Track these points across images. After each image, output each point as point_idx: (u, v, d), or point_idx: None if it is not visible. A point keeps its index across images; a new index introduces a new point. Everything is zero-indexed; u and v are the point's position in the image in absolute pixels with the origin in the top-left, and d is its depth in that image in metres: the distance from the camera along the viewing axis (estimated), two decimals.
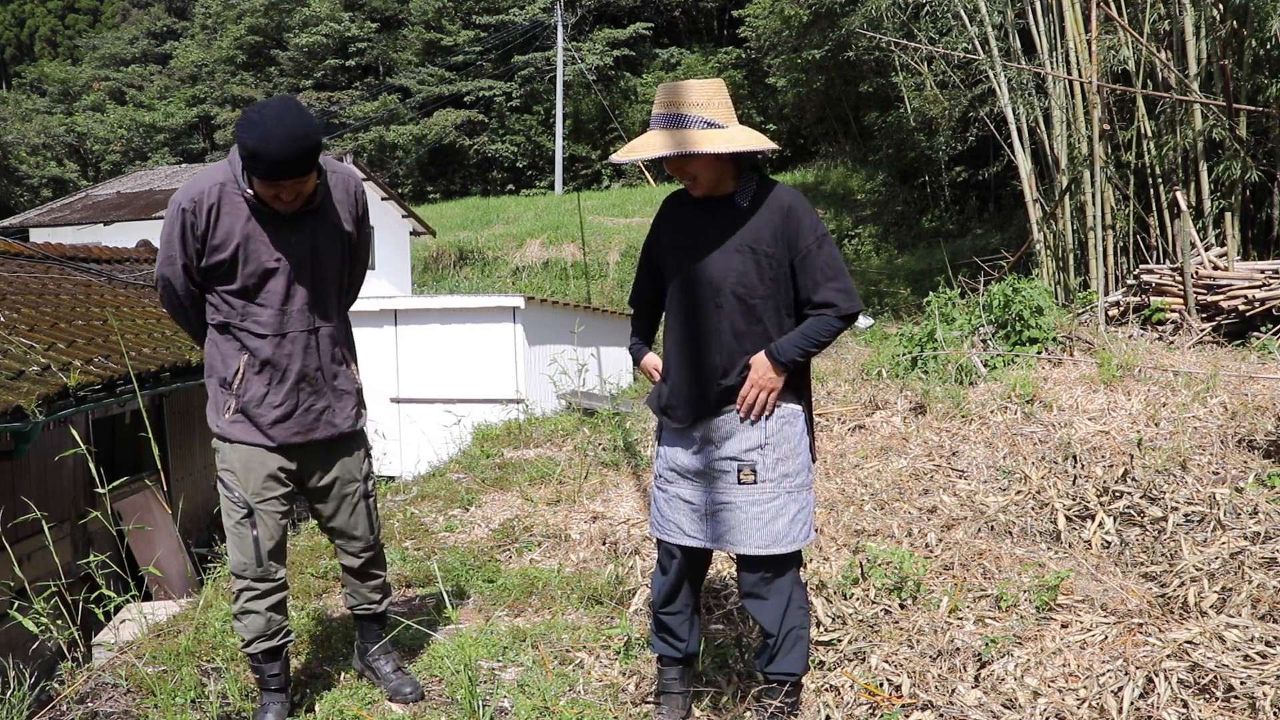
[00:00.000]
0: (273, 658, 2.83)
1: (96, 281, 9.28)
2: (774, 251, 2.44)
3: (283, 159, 2.47)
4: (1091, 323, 7.84)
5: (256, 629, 2.79)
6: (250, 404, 2.73)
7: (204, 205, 2.62)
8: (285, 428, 2.75)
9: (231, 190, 2.64)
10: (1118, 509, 3.86)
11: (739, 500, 2.47)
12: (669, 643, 2.68)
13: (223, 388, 2.76)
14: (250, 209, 2.65)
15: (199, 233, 2.63)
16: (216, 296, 2.72)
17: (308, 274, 2.73)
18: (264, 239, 2.66)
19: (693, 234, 2.54)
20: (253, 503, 2.74)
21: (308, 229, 2.72)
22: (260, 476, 2.75)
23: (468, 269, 25.65)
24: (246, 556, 2.75)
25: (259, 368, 2.72)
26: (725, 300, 2.46)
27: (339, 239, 2.81)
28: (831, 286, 2.42)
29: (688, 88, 2.43)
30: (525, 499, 5.36)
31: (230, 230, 2.63)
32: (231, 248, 2.64)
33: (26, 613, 3.02)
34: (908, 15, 13.50)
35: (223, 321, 2.73)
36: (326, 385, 2.82)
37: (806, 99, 28.37)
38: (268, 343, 2.71)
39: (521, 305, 12.86)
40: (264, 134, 2.45)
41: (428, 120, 35.86)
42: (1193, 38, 8.57)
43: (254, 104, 2.60)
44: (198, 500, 8.27)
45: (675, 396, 2.56)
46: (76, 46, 50.25)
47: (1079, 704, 2.57)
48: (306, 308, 2.75)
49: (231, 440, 2.75)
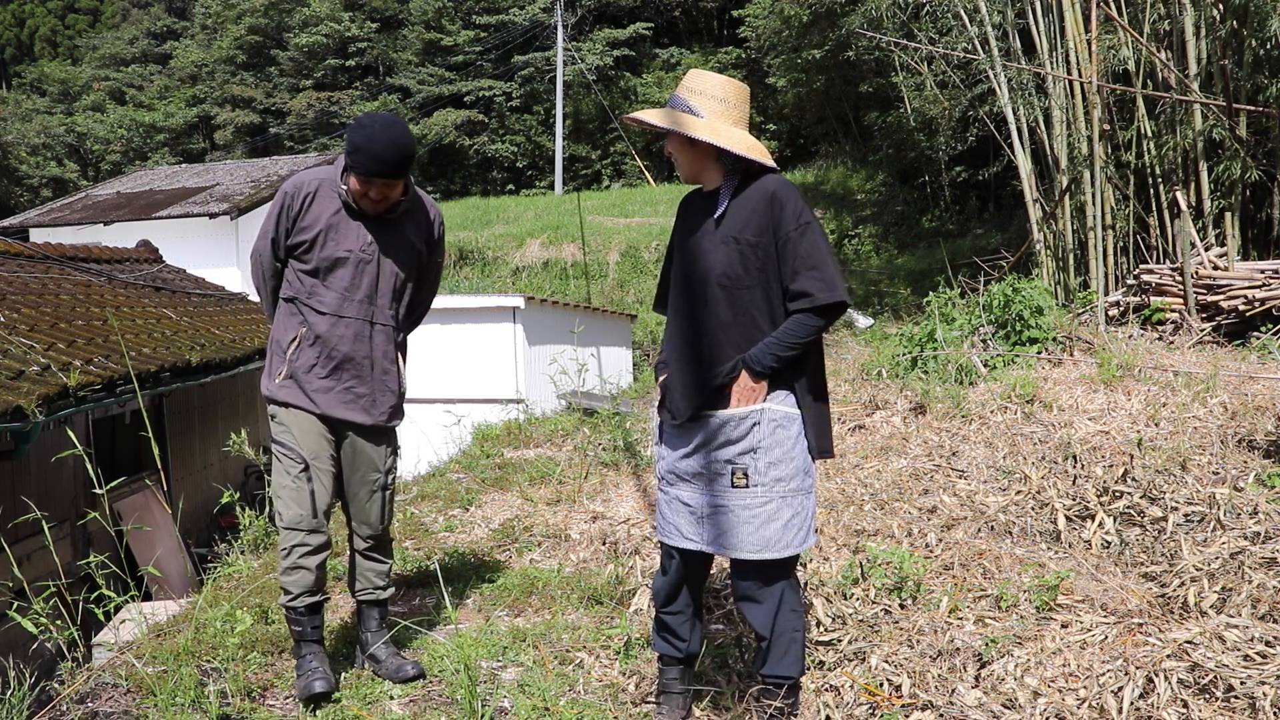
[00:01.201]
0: (314, 611, 3.05)
1: (96, 281, 9.28)
2: (758, 240, 2.43)
3: (381, 159, 2.86)
4: (1091, 323, 7.84)
5: (305, 584, 3.00)
6: (299, 371, 3.02)
7: (303, 192, 3.02)
8: (327, 398, 3.03)
9: (329, 186, 3.03)
10: (1118, 509, 3.86)
11: (732, 504, 2.47)
12: (670, 642, 2.68)
13: (276, 354, 3.07)
14: (341, 204, 3.02)
15: (292, 214, 3.02)
16: (292, 273, 3.07)
17: (374, 272, 3.06)
18: (344, 231, 3.02)
19: (688, 231, 2.59)
20: (309, 459, 3.01)
21: (384, 235, 3.06)
22: (315, 435, 3.03)
23: (468, 269, 25.64)
24: (303, 509, 2.99)
25: (313, 340, 3.03)
26: (711, 291, 2.47)
27: (410, 254, 3.15)
28: (809, 275, 2.39)
29: (699, 75, 2.54)
30: (525, 499, 5.36)
31: (318, 217, 3.01)
32: (315, 231, 3.00)
33: (26, 613, 3.02)
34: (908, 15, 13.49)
35: (292, 295, 3.06)
36: (372, 376, 3.09)
37: (806, 99, 28.36)
38: (325, 320, 3.02)
39: (521, 305, 12.86)
40: (370, 135, 2.86)
41: (428, 120, 35.83)
42: (1193, 38, 8.57)
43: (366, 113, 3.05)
44: (198, 500, 8.27)
45: (672, 390, 2.57)
46: (76, 46, 50.23)
47: (1079, 704, 2.57)
48: (367, 300, 3.06)
49: (281, 403, 3.04)
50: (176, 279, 10.90)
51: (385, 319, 3.11)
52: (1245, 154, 8.37)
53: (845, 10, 21.18)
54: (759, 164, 2.48)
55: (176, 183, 20.31)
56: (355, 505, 3.18)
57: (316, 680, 2.92)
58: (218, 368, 8.06)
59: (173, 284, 10.37)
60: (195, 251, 14.54)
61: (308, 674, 2.96)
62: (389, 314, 3.11)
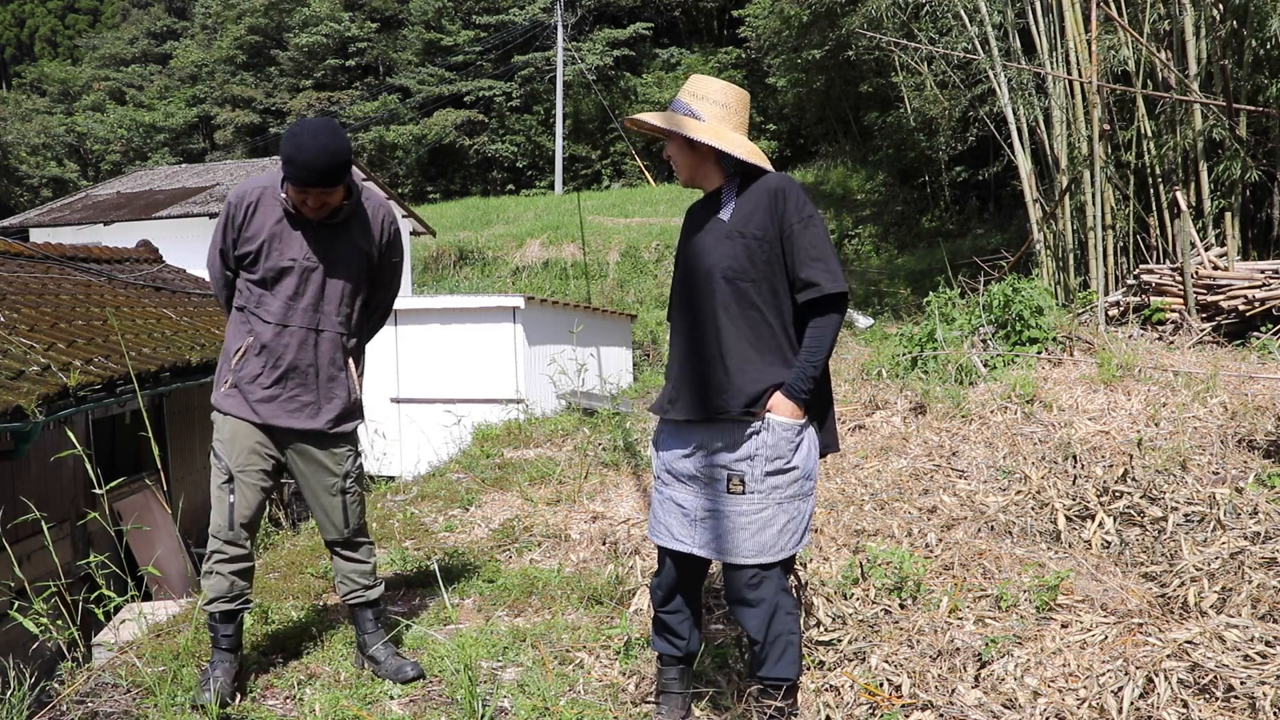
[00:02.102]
0: (228, 619, 3.07)
1: (96, 281, 9.28)
2: (763, 234, 2.45)
3: (312, 168, 2.82)
4: (1091, 323, 7.84)
5: (219, 590, 3.04)
6: (243, 380, 3.03)
7: (245, 203, 3.00)
8: (268, 408, 3.03)
9: (271, 194, 3.01)
10: (1118, 509, 3.86)
11: (727, 509, 2.46)
12: (670, 641, 2.68)
13: (225, 362, 3.08)
14: (284, 213, 3.00)
15: (237, 225, 3.02)
16: (241, 281, 3.07)
17: (320, 279, 3.04)
18: (287, 239, 3.00)
19: (692, 232, 2.60)
20: (234, 471, 3.02)
21: (329, 240, 3.05)
22: (244, 449, 3.03)
23: (468, 269, 25.65)
24: (221, 519, 3.03)
25: (259, 350, 3.02)
26: (717, 285, 2.47)
27: (359, 256, 3.12)
28: (816, 266, 2.41)
29: (700, 80, 2.56)
30: (525, 499, 5.36)
31: (261, 226, 3.00)
32: (259, 242, 2.99)
33: (26, 613, 3.02)
34: (908, 15, 13.50)
35: (242, 304, 3.07)
36: (318, 384, 3.08)
37: (806, 99, 28.37)
38: (270, 329, 3.01)
39: (521, 305, 12.86)
40: (299, 145, 2.81)
41: (428, 120, 35.85)
42: (1193, 38, 8.57)
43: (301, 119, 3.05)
44: (198, 500, 8.26)
45: (676, 389, 2.57)
46: (76, 46, 50.24)
47: (1079, 704, 2.57)
48: (313, 308, 3.04)
49: (223, 412, 3.06)
50: (176, 279, 10.90)
51: (332, 326, 3.07)
52: (1245, 154, 8.37)
53: (845, 10, 21.18)
54: (758, 168, 2.50)
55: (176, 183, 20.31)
56: (319, 510, 3.17)
57: (206, 693, 2.94)
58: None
59: (173, 284, 10.37)
60: (195, 251, 14.48)
61: (207, 681, 2.99)
62: (336, 320, 3.07)
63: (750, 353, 2.46)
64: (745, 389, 2.44)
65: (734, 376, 2.45)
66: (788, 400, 2.43)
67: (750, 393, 2.44)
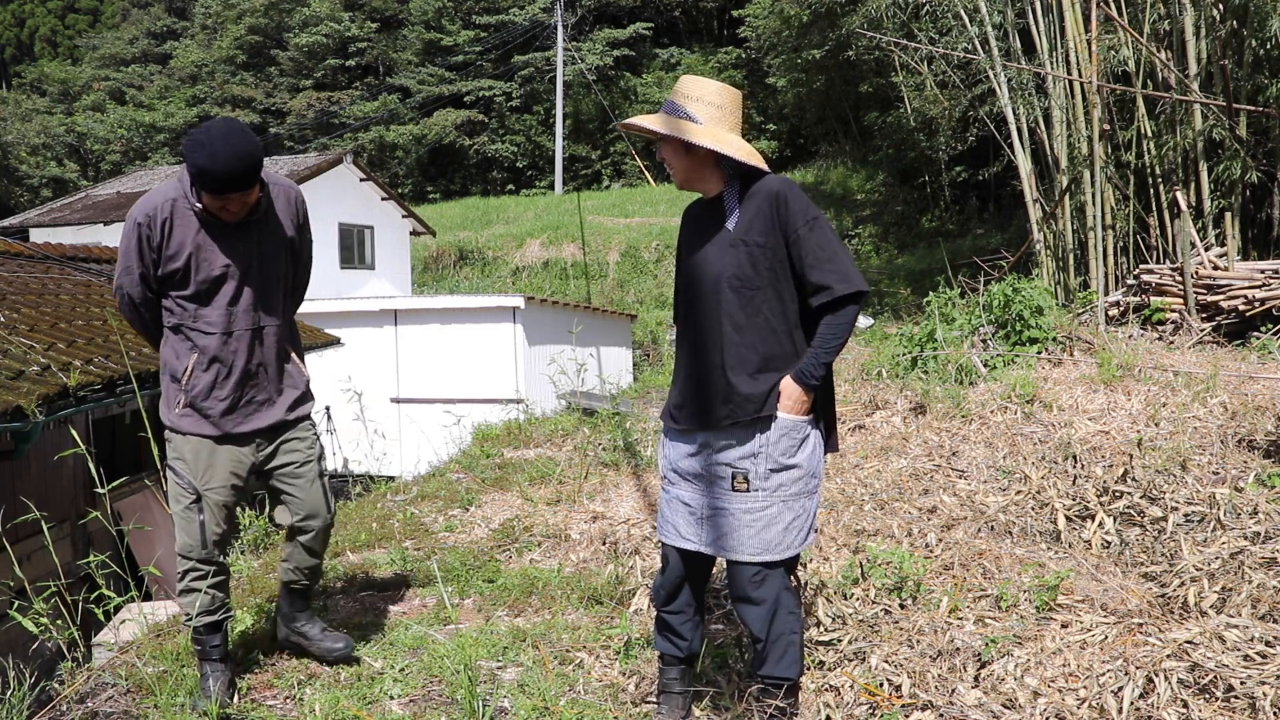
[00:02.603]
0: (214, 630, 3.05)
1: (96, 281, 9.28)
2: (766, 241, 2.44)
3: (229, 175, 2.72)
4: (1091, 323, 7.84)
5: (202, 606, 3.01)
6: (198, 398, 2.96)
7: (158, 219, 2.85)
8: (231, 419, 2.98)
9: (182, 205, 2.87)
10: (1118, 509, 3.86)
11: (732, 507, 2.47)
12: (671, 641, 2.68)
13: (174, 383, 2.98)
14: (200, 221, 2.88)
15: (154, 244, 2.87)
16: (171, 301, 2.95)
17: (254, 278, 2.98)
18: (213, 248, 2.90)
19: (694, 237, 2.58)
20: (201, 489, 2.97)
21: (254, 237, 2.97)
22: (208, 466, 2.98)
23: (468, 269, 25.67)
24: (193, 539, 2.98)
25: (207, 365, 2.95)
26: (723, 295, 2.46)
27: (282, 245, 3.07)
28: (825, 269, 2.40)
29: (695, 82, 2.52)
30: (525, 499, 5.36)
31: (183, 241, 2.87)
32: (184, 257, 2.88)
33: (26, 613, 3.02)
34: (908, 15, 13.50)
35: (176, 323, 2.97)
36: (269, 380, 3.06)
37: (806, 99, 28.38)
38: (215, 340, 2.94)
39: (521, 305, 12.87)
40: (210, 154, 2.70)
41: (428, 120, 35.85)
42: (1193, 38, 8.57)
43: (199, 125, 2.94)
44: None
45: (682, 396, 2.57)
46: (76, 46, 50.25)
47: (1079, 704, 2.57)
48: (252, 308, 2.98)
49: (182, 432, 2.98)
50: None
51: (272, 321, 3.04)
52: (1245, 154, 8.37)
53: (845, 10, 21.19)
54: (757, 170, 2.49)
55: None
56: (301, 500, 3.12)
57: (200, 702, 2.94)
58: None
59: None
60: None
61: (203, 691, 2.99)
62: (274, 315, 3.05)
63: (754, 360, 2.46)
64: (749, 397, 2.44)
65: (737, 386, 2.45)
66: (796, 385, 2.42)
67: (756, 399, 2.45)
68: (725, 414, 2.46)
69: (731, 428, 2.47)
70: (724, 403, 2.46)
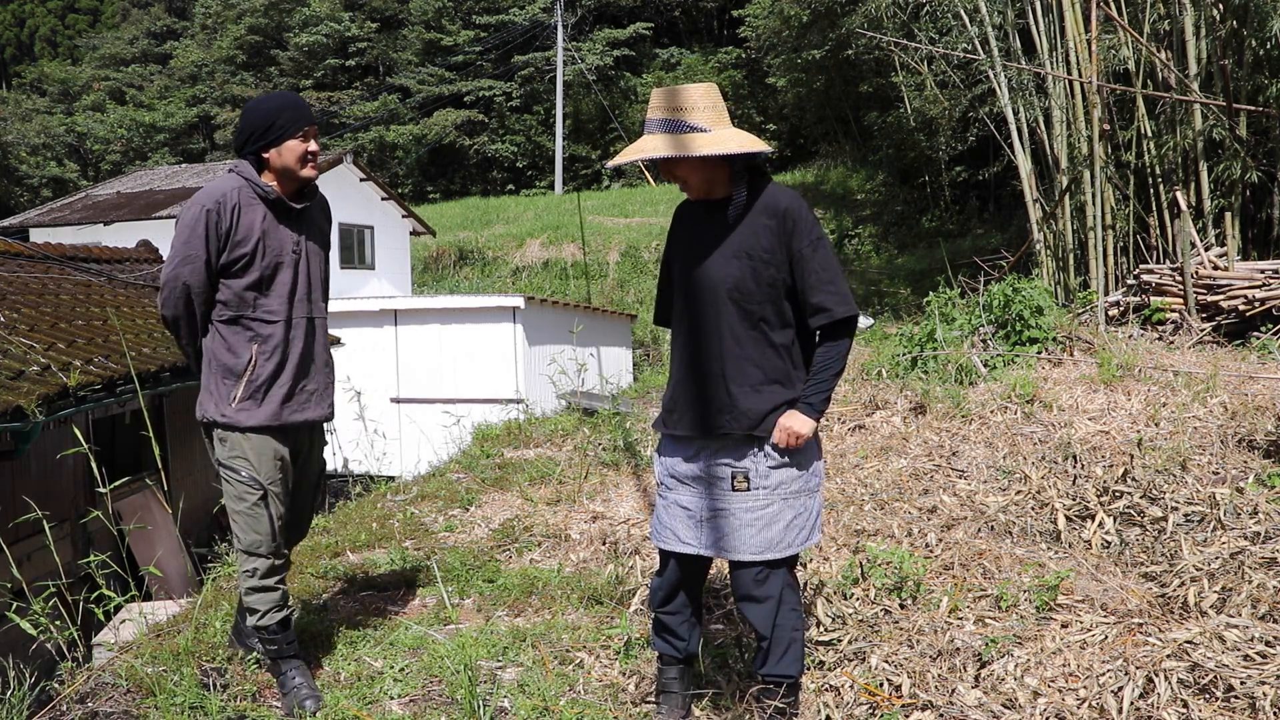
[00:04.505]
0: (285, 627, 3.04)
1: (96, 281, 9.28)
2: (770, 256, 2.44)
3: (299, 105, 2.94)
4: (1091, 323, 7.84)
5: (272, 602, 3.00)
6: (262, 388, 2.96)
7: (228, 204, 2.89)
8: (289, 406, 3.01)
9: (248, 192, 2.93)
10: (1118, 509, 3.86)
11: (733, 507, 2.47)
12: (669, 642, 2.68)
13: (227, 378, 2.96)
14: (268, 205, 2.95)
15: (223, 230, 2.89)
16: (227, 291, 2.94)
17: (306, 268, 3.05)
18: (277, 234, 2.97)
19: (693, 240, 2.56)
20: (266, 484, 2.97)
21: (305, 228, 3.06)
22: (271, 460, 2.98)
23: (468, 269, 25.66)
24: (262, 535, 2.97)
25: (269, 353, 2.97)
26: (724, 306, 2.46)
27: (323, 241, 3.17)
28: (827, 289, 2.42)
29: (679, 92, 2.45)
30: (525, 499, 5.36)
31: (252, 224, 2.92)
32: (253, 242, 2.92)
33: (26, 613, 3.02)
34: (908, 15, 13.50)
35: (233, 315, 2.95)
36: (319, 370, 3.12)
37: (806, 99, 28.37)
38: (278, 328, 2.98)
39: (521, 305, 12.87)
40: (269, 100, 2.92)
41: (428, 120, 35.85)
42: (1193, 38, 8.57)
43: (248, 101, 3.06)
44: (198, 500, 8.27)
45: (678, 403, 2.56)
46: (76, 46, 50.24)
47: (1079, 704, 2.57)
48: (306, 298, 3.05)
49: (242, 428, 2.95)
50: None
51: (320, 312, 3.12)
52: (1245, 154, 8.37)
53: (845, 10, 21.18)
54: (760, 158, 2.49)
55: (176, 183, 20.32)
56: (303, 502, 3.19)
57: (307, 699, 2.91)
58: None
59: None
60: None
61: (294, 692, 2.95)
62: (322, 306, 3.14)
63: (755, 373, 2.46)
64: (749, 411, 2.45)
65: (738, 399, 2.45)
66: (800, 414, 2.44)
67: (754, 415, 2.45)
68: (723, 424, 2.47)
69: (727, 436, 2.48)
70: (722, 413, 2.47)
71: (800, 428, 2.43)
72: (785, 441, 2.44)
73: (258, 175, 2.95)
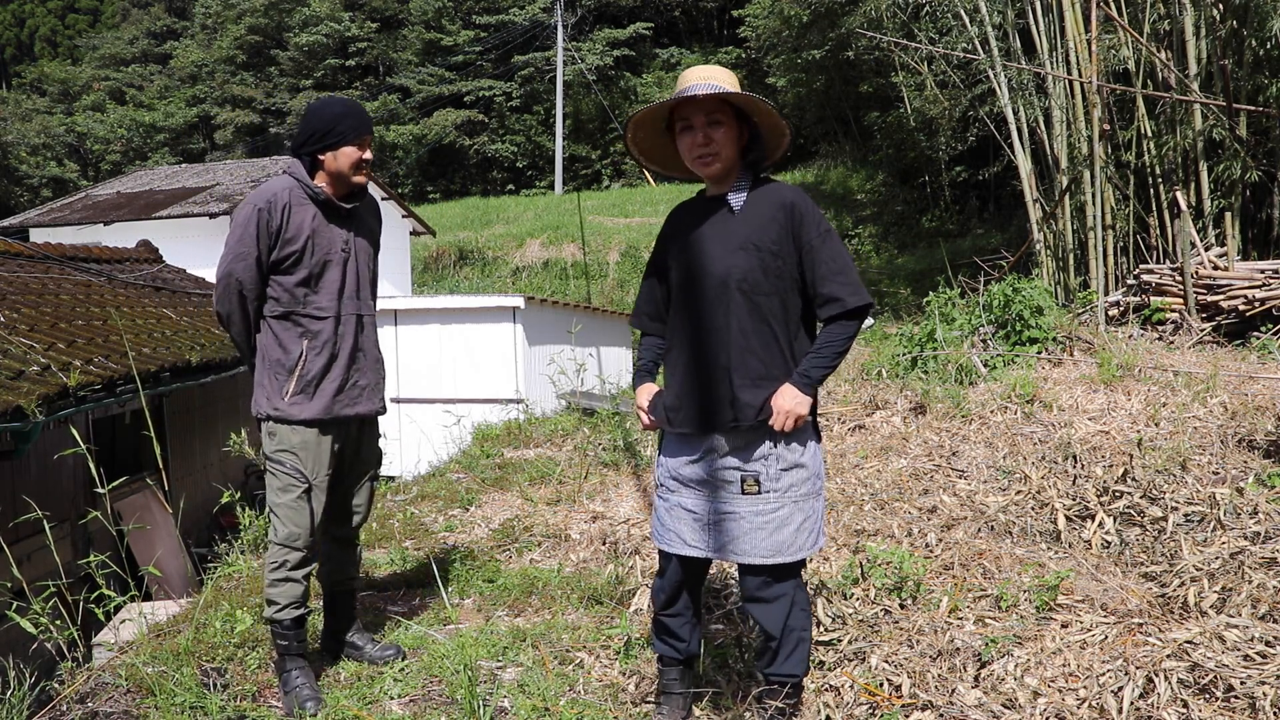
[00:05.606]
0: (300, 625, 3.07)
1: (96, 281, 9.28)
2: (778, 249, 2.43)
3: (360, 115, 3.02)
4: (1091, 323, 7.84)
5: (292, 596, 3.03)
6: (312, 383, 3.02)
7: (279, 204, 2.98)
8: (340, 400, 3.07)
9: (299, 193, 3.03)
10: (1118, 509, 3.86)
11: (743, 510, 2.45)
12: (670, 644, 2.68)
13: (279, 373, 3.03)
14: (317, 205, 3.03)
15: (273, 228, 2.97)
16: (278, 288, 3.03)
17: (355, 266, 3.13)
18: (324, 234, 3.05)
19: (697, 236, 2.54)
20: (312, 479, 3.03)
21: (354, 227, 3.14)
22: (319, 455, 3.04)
23: (468, 269, 25.66)
24: (300, 528, 3.01)
25: (319, 348, 3.04)
26: (732, 298, 2.44)
27: (373, 239, 3.26)
28: (837, 280, 2.41)
29: (713, 70, 2.50)
30: (525, 499, 5.36)
31: (301, 224, 3.01)
32: (303, 240, 3.00)
33: (26, 613, 3.02)
34: (908, 15, 13.51)
35: (284, 311, 3.04)
36: (369, 365, 3.18)
37: (806, 99, 28.38)
38: (327, 324, 3.05)
39: (521, 305, 12.85)
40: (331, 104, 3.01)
41: (428, 120, 35.86)
42: (1193, 38, 8.57)
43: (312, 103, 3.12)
44: (198, 500, 8.27)
45: (681, 399, 2.53)
46: (76, 46, 50.27)
47: (1079, 704, 2.57)
48: (355, 295, 3.12)
49: (292, 421, 3.01)
50: (176, 279, 10.90)
51: (369, 310, 3.19)
52: (1245, 154, 8.38)
53: (845, 10, 21.19)
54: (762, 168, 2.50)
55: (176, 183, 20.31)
56: (354, 496, 3.23)
57: (308, 700, 2.92)
58: (218, 367, 8.06)
59: (173, 284, 10.37)
60: (195, 251, 14.53)
61: (295, 692, 2.96)
62: (371, 304, 3.20)
63: (757, 366, 2.44)
64: (753, 403, 2.43)
65: (742, 391, 2.43)
66: (793, 387, 2.40)
67: (755, 407, 2.44)
68: (729, 418, 2.44)
69: (734, 431, 2.46)
70: (725, 407, 2.45)
71: (793, 405, 2.39)
72: (781, 424, 2.39)
73: (309, 176, 3.04)
